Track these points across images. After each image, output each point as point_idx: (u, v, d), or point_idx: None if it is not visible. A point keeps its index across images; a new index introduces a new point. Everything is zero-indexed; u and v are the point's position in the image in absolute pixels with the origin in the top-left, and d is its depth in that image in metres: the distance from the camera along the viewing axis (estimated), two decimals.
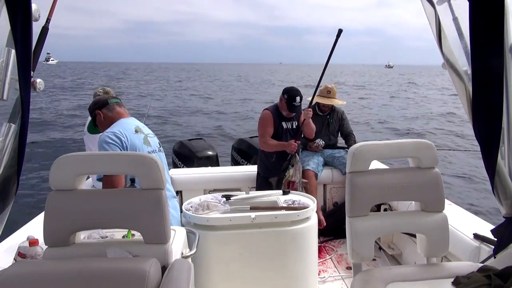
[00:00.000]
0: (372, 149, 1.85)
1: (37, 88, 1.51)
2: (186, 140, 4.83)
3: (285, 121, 3.29)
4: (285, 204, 2.36)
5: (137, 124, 2.34)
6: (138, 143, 2.22)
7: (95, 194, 1.54)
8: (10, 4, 1.28)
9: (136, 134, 2.25)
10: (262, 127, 3.29)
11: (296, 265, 2.27)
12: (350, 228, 1.82)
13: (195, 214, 2.21)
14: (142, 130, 2.32)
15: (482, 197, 6.96)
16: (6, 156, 1.38)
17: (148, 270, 1.26)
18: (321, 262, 3.08)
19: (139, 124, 2.35)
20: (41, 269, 1.31)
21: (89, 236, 1.72)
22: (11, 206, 1.44)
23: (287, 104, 3.20)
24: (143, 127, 2.36)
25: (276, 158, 3.25)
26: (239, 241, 2.19)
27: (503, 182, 1.68)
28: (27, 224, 2.62)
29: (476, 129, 1.63)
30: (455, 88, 1.72)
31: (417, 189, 1.84)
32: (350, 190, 1.82)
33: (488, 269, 1.58)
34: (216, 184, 3.48)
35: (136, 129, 2.28)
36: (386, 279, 1.67)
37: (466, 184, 7.91)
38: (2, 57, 1.32)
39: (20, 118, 1.38)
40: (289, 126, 3.30)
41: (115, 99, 2.43)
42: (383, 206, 3.34)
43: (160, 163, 1.47)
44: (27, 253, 1.73)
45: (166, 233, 1.45)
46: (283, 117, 3.30)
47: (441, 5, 1.67)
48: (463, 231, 2.22)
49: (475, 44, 1.50)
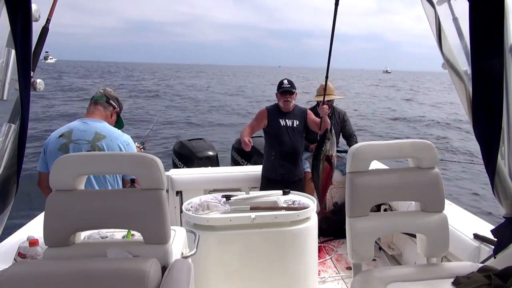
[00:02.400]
0: (372, 149, 1.85)
1: (37, 88, 1.51)
2: (186, 140, 4.83)
3: (283, 119, 3.28)
4: (285, 204, 2.36)
5: (72, 129, 2.24)
6: (52, 148, 2.20)
7: (95, 194, 1.54)
8: (10, 4, 1.27)
9: (58, 138, 2.21)
10: (252, 120, 3.37)
11: (296, 265, 2.27)
12: (350, 228, 1.82)
13: (195, 214, 2.21)
14: (71, 136, 2.22)
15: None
16: (6, 156, 1.38)
17: (148, 270, 1.26)
18: (321, 262, 3.08)
19: (75, 128, 2.25)
20: (41, 269, 1.31)
21: (89, 236, 1.72)
22: (11, 206, 1.44)
23: (278, 91, 3.29)
24: (79, 131, 2.23)
25: (275, 157, 3.25)
26: (239, 241, 2.19)
27: (503, 182, 1.68)
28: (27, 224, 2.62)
29: (476, 129, 1.63)
30: (455, 88, 1.72)
31: (417, 189, 1.84)
32: (350, 190, 1.82)
33: (488, 269, 1.58)
34: (216, 184, 3.48)
35: (64, 134, 2.22)
36: (386, 279, 1.67)
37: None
38: (2, 57, 1.32)
39: (20, 118, 1.38)
40: (288, 124, 3.27)
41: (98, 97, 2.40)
42: (383, 206, 3.34)
43: (161, 163, 1.47)
44: (27, 253, 1.73)
45: (166, 233, 1.45)
46: (281, 114, 3.30)
47: (441, 5, 1.68)
48: (463, 231, 2.22)
49: (475, 44, 1.50)
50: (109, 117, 2.43)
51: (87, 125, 2.29)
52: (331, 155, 2.78)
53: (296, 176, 3.26)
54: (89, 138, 2.23)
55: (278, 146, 3.25)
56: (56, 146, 2.20)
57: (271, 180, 3.28)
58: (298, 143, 3.29)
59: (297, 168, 3.29)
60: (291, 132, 3.26)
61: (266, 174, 3.35)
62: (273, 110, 3.34)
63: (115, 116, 2.49)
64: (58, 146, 2.21)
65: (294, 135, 3.26)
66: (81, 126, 2.28)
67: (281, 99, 3.28)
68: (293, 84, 3.33)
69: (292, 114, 3.32)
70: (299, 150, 3.31)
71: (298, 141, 3.29)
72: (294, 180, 3.24)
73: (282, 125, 3.26)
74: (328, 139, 2.85)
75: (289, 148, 3.24)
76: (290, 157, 3.25)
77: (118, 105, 2.50)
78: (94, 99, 2.41)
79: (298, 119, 3.31)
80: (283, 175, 3.24)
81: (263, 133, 3.41)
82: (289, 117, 3.29)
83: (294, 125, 3.28)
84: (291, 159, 3.26)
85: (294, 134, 3.27)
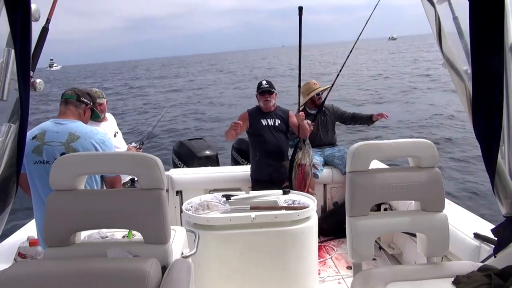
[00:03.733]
0: (372, 148, 1.85)
1: (37, 88, 1.52)
2: (186, 140, 4.83)
3: (264, 119, 3.32)
4: (285, 204, 2.36)
5: (45, 130, 2.20)
6: (27, 150, 2.04)
7: (95, 194, 1.54)
8: (9, 4, 1.27)
9: (31, 140, 2.15)
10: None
11: (296, 265, 2.27)
12: (350, 228, 1.82)
13: (195, 214, 2.21)
14: (44, 138, 2.17)
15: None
16: (5, 156, 1.38)
17: (148, 270, 1.26)
18: (321, 262, 3.08)
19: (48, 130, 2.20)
20: (41, 269, 1.31)
21: (89, 236, 1.72)
22: (11, 206, 1.44)
23: (257, 91, 3.34)
24: (52, 133, 2.18)
25: (260, 157, 3.29)
26: (239, 241, 2.19)
27: (503, 182, 1.68)
28: (27, 224, 2.61)
29: (476, 128, 1.63)
30: (455, 87, 1.72)
31: (417, 189, 1.84)
32: (350, 190, 1.82)
33: (488, 268, 1.58)
34: (216, 184, 3.48)
35: (37, 136, 2.18)
36: (386, 278, 1.67)
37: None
38: (2, 57, 1.31)
39: (20, 118, 1.38)
40: (270, 123, 3.30)
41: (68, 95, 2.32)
42: (383, 206, 3.34)
43: (161, 163, 1.47)
44: (27, 253, 1.73)
45: (166, 233, 1.45)
46: (262, 115, 3.33)
47: (441, 4, 1.67)
48: (463, 230, 2.22)
49: (475, 43, 1.50)
50: (82, 115, 2.36)
51: (60, 126, 2.22)
52: (304, 164, 2.89)
53: (283, 175, 3.24)
54: (62, 139, 2.17)
55: (262, 146, 3.28)
56: (30, 148, 2.14)
57: (259, 181, 3.30)
58: (282, 142, 3.31)
59: (282, 167, 3.29)
60: (274, 131, 3.29)
61: (254, 176, 3.38)
62: (254, 111, 3.39)
63: (88, 112, 2.41)
64: (32, 148, 2.15)
65: (277, 134, 3.29)
66: (54, 127, 2.21)
67: (261, 99, 3.34)
68: (272, 84, 3.38)
69: (274, 114, 3.36)
70: (284, 148, 3.33)
71: (282, 140, 3.32)
72: (282, 179, 3.22)
73: (264, 125, 3.30)
74: (300, 149, 2.95)
75: (273, 146, 3.27)
76: (276, 155, 3.27)
77: (90, 99, 2.41)
78: (64, 97, 2.32)
79: (280, 119, 3.34)
80: (270, 174, 3.26)
81: (247, 136, 3.44)
82: (271, 117, 3.33)
83: (276, 124, 3.31)
84: (277, 157, 3.28)
85: (277, 132, 3.29)
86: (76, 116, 2.32)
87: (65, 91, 2.38)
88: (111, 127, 3.17)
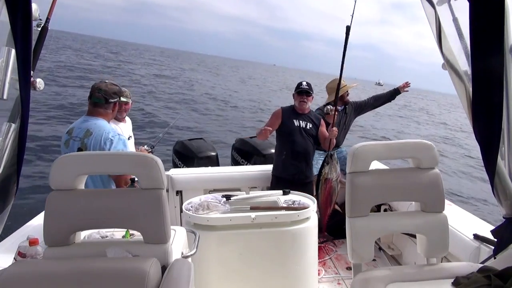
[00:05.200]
0: (372, 149, 1.85)
1: (37, 87, 1.51)
2: (186, 140, 4.83)
3: (297, 119, 3.30)
4: (285, 204, 2.36)
5: (74, 126, 2.40)
6: (62, 142, 2.40)
7: (95, 194, 1.54)
8: (10, 4, 1.27)
9: (65, 134, 2.40)
10: (268, 120, 3.37)
11: (296, 265, 2.27)
12: (350, 228, 1.82)
13: (195, 214, 2.21)
14: (72, 132, 2.37)
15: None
16: (6, 156, 1.38)
17: (148, 270, 1.26)
18: (321, 262, 3.08)
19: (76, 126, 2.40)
20: (41, 269, 1.31)
21: (89, 236, 1.72)
22: (11, 206, 1.44)
23: (296, 91, 3.32)
24: (78, 129, 2.37)
25: (286, 156, 3.26)
26: (239, 241, 2.19)
27: (503, 183, 1.68)
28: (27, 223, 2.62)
29: (476, 129, 1.63)
30: (455, 88, 1.72)
31: (417, 190, 1.84)
32: (350, 190, 1.82)
33: (488, 269, 1.58)
34: (216, 184, 3.48)
35: (69, 130, 2.40)
36: (386, 279, 1.67)
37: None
38: (2, 56, 1.32)
39: (20, 117, 1.38)
40: (302, 125, 3.29)
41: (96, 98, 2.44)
42: (383, 207, 3.34)
43: (161, 163, 1.47)
44: (27, 253, 1.73)
45: (166, 233, 1.45)
46: (296, 115, 3.32)
47: (441, 5, 1.67)
48: (463, 231, 2.22)
49: (475, 44, 1.50)
50: (110, 113, 2.51)
51: (85, 122, 2.39)
52: (330, 178, 2.88)
53: (307, 178, 3.26)
54: (81, 135, 2.34)
55: (290, 145, 3.26)
56: (63, 140, 2.38)
57: (281, 179, 3.27)
58: (309, 145, 3.30)
59: (307, 169, 3.30)
60: (304, 133, 3.28)
61: (276, 173, 3.34)
62: (288, 110, 3.36)
63: (117, 106, 2.56)
64: (64, 141, 2.38)
65: (307, 137, 3.27)
66: (81, 123, 2.40)
67: (298, 99, 3.31)
68: (311, 86, 3.36)
69: (307, 117, 3.34)
70: (310, 151, 3.31)
71: (310, 143, 3.30)
72: (304, 182, 3.23)
73: (295, 125, 3.28)
74: (327, 163, 2.95)
75: (301, 148, 3.25)
76: (301, 157, 3.26)
77: (117, 96, 2.52)
78: (93, 100, 2.43)
79: (312, 123, 3.33)
80: (294, 175, 3.24)
81: (276, 133, 3.41)
82: (303, 119, 3.31)
83: (307, 127, 3.30)
84: (302, 159, 3.27)
85: (306, 135, 3.27)
86: (103, 114, 2.46)
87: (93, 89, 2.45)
88: (127, 130, 3.20)
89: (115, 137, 2.36)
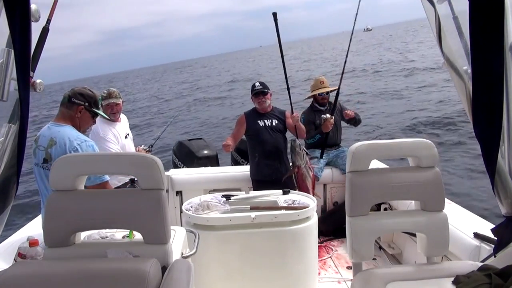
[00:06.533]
0: (372, 148, 1.85)
1: (37, 88, 1.51)
2: (186, 140, 4.83)
3: (262, 119, 3.34)
4: (285, 204, 2.36)
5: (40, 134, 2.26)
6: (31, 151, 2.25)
7: (95, 195, 1.54)
8: (9, 4, 1.27)
9: (33, 142, 2.25)
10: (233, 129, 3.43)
11: (296, 265, 2.27)
12: (350, 228, 1.82)
13: (195, 214, 2.21)
14: (38, 141, 2.24)
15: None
16: (6, 157, 1.38)
17: (148, 271, 1.26)
18: (321, 262, 3.08)
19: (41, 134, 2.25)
20: (41, 270, 1.31)
21: (89, 236, 1.72)
22: (11, 206, 1.44)
23: (252, 94, 3.37)
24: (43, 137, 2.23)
25: (259, 158, 3.30)
26: (239, 241, 2.19)
27: (503, 181, 1.68)
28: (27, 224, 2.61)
29: (476, 128, 1.63)
30: (455, 87, 1.72)
31: (417, 189, 1.84)
32: (350, 190, 1.82)
33: (488, 268, 1.58)
34: (216, 184, 3.48)
35: (36, 138, 2.26)
36: (386, 278, 1.67)
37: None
38: (2, 57, 1.31)
39: (20, 118, 1.38)
40: (267, 124, 3.33)
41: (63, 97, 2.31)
42: (383, 206, 3.34)
43: (160, 163, 1.47)
44: (27, 254, 1.73)
45: (166, 233, 1.45)
46: (259, 116, 3.36)
47: (441, 4, 1.67)
48: (463, 230, 2.22)
49: (475, 43, 1.50)
50: (74, 116, 2.29)
51: (49, 130, 2.24)
52: (299, 165, 2.92)
53: (284, 175, 3.25)
54: (45, 144, 2.20)
55: (260, 146, 3.29)
56: (32, 149, 2.25)
57: (260, 182, 3.30)
58: (280, 141, 3.33)
59: (282, 166, 3.32)
60: (271, 131, 3.31)
61: (254, 177, 3.38)
62: (251, 113, 3.42)
63: (84, 113, 2.31)
64: (33, 149, 2.26)
65: (274, 134, 3.30)
66: (45, 131, 2.25)
67: (256, 101, 3.37)
68: (265, 84, 3.40)
69: (270, 114, 3.38)
70: (282, 148, 3.34)
71: (280, 140, 3.33)
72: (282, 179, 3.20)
73: (261, 126, 3.32)
74: (293, 151, 3.00)
75: (271, 146, 3.28)
76: (274, 155, 3.29)
77: (85, 99, 2.30)
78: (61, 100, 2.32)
79: (277, 119, 3.37)
80: (271, 175, 3.26)
81: (245, 137, 3.46)
82: (268, 117, 3.35)
83: (273, 124, 3.34)
84: (275, 157, 3.29)
85: (274, 132, 3.30)
86: (67, 118, 2.28)
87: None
88: (124, 129, 3.19)
89: (82, 143, 2.20)
